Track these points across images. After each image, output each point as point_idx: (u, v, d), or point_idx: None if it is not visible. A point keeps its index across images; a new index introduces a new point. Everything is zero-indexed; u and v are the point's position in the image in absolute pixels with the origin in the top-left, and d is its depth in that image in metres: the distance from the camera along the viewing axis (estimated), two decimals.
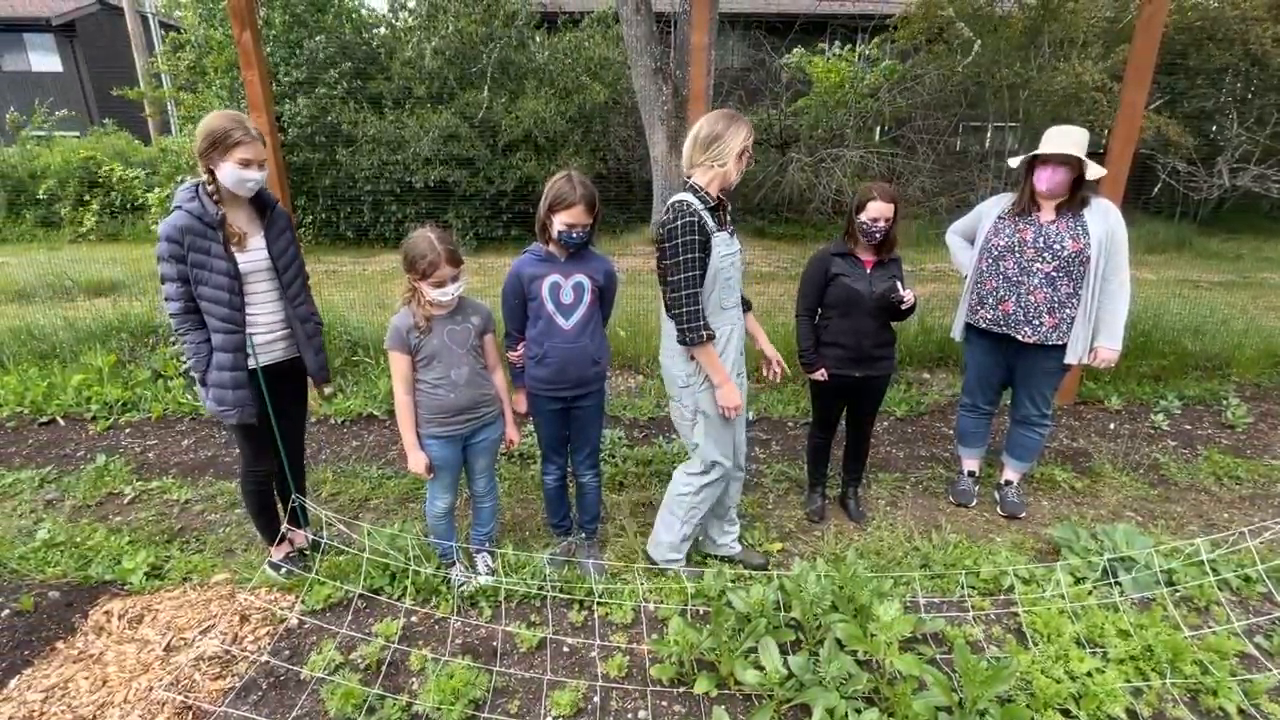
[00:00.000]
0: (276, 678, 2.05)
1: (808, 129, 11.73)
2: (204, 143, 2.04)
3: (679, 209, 2.09)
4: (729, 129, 2.11)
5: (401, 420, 2.25)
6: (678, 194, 2.15)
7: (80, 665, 2.10)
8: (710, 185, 2.16)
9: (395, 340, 2.16)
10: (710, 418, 2.29)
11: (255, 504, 2.50)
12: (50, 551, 2.71)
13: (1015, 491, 3.06)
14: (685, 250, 2.07)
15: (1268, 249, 10.29)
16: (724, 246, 2.19)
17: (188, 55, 11.02)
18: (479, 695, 1.95)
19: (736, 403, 2.23)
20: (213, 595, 2.44)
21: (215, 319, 2.13)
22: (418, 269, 2.08)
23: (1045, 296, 2.64)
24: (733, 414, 2.26)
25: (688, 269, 2.08)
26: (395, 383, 2.21)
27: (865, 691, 1.88)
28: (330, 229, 11.13)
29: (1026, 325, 2.70)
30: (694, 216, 2.07)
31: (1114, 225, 2.61)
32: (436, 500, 2.41)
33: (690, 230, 2.06)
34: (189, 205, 2.07)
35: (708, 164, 2.14)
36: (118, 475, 3.36)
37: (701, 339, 2.12)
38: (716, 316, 2.23)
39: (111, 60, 19.57)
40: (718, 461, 2.36)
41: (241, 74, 3.67)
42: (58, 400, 4.14)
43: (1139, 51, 3.51)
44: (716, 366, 2.19)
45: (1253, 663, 2.10)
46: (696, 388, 2.26)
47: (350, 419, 4.04)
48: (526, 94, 10.45)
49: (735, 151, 2.12)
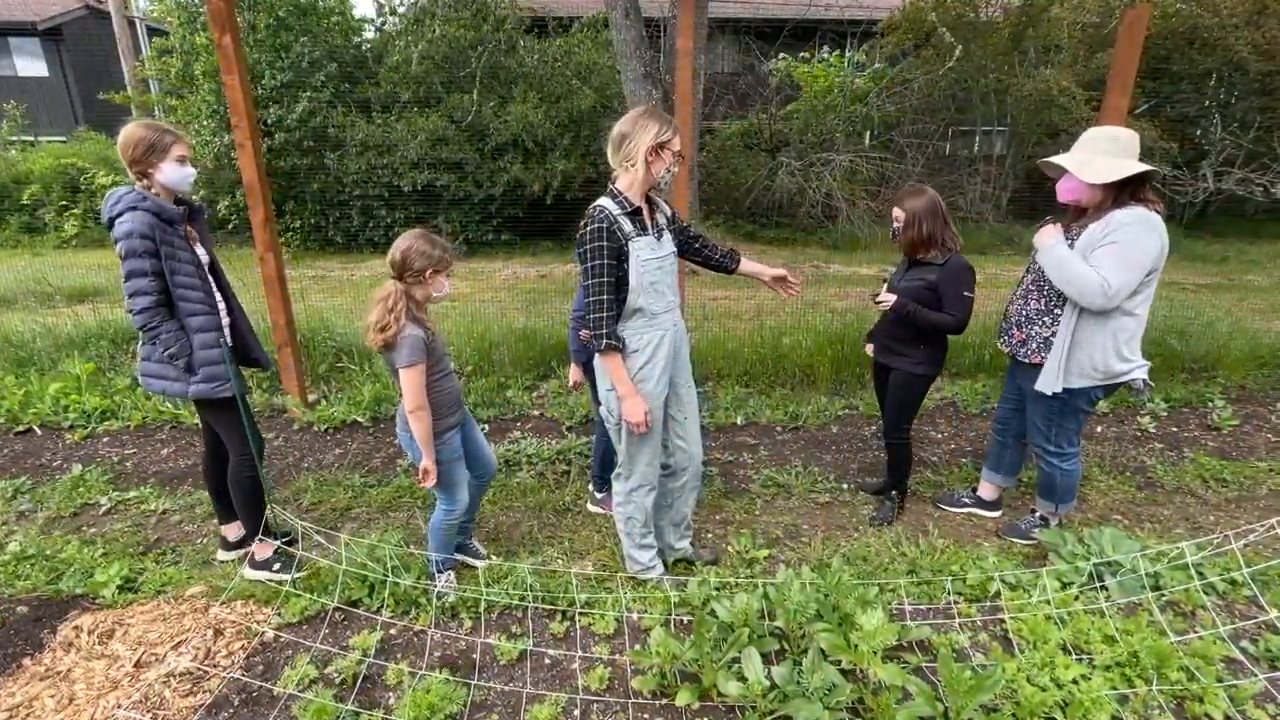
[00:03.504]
0: (249, 694, 2.00)
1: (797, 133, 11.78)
2: (139, 150, 2.16)
3: (591, 215, 2.05)
4: (635, 126, 2.05)
5: (429, 436, 2.16)
6: (598, 199, 2.11)
7: (47, 683, 2.05)
8: (631, 189, 2.10)
9: (420, 351, 2.10)
10: None
11: (249, 491, 2.54)
12: (20, 565, 2.64)
13: (1027, 520, 2.84)
14: (593, 257, 2.03)
15: (1252, 251, 10.40)
16: (647, 251, 2.11)
17: (175, 61, 10.95)
18: (456, 710, 1.91)
19: (638, 418, 2.13)
20: (187, 609, 2.39)
21: (193, 303, 2.27)
22: (432, 263, 2.11)
23: (1017, 309, 2.58)
24: (637, 430, 2.16)
25: (596, 275, 2.04)
26: (423, 396, 2.12)
27: (849, 702, 1.85)
28: (318, 234, 11.06)
29: (1003, 335, 2.67)
30: (604, 223, 2.03)
31: (1100, 240, 2.26)
32: (459, 503, 2.34)
33: (599, 236, 2.02)
34: (145, 205, 2.15)
35: (623, 166, 2.09)
36: (94, 485, 3.30)
37: (602, 348, 2.09)
38: (646, 323, 2.16)
39: (98, 65, 19.39)
40: (635, 470, 2.32)
41: (223, 78, 3.63)
42: (34, 409, 4.07)
43: (1122, 57, 3.52)
44: (621, 378, 2.13)
45: (1239, 668, 2.09)
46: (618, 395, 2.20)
47: (334, 426, 3.99)
48: (515, 99, 10.43)
49: (644, 148, 2.03)
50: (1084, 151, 2.37)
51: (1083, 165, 2.32)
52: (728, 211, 11.78)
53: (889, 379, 2.87)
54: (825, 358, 4.49)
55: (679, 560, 2.65)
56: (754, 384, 4.53)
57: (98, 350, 4.69)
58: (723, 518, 3.03)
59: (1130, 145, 2.31)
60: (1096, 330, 2.37)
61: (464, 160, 10.41)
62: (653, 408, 2.20)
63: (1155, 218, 2.27)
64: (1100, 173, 2.27)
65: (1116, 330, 2.36)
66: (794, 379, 4.56)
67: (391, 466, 3.51)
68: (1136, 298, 2.34)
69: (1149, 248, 2.23)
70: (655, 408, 2.22)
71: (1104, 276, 2.23)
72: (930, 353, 2.73)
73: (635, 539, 2.45)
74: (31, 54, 19.60)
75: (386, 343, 2.09)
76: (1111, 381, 2.44)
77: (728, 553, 2.74)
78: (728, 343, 4.80)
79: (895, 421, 2.86)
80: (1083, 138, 2.42)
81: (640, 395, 2.15)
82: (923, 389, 2.81)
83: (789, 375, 4.56)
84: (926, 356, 2.73)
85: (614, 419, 2.27)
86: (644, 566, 2.49)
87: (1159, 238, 2.25)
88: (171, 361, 2.26)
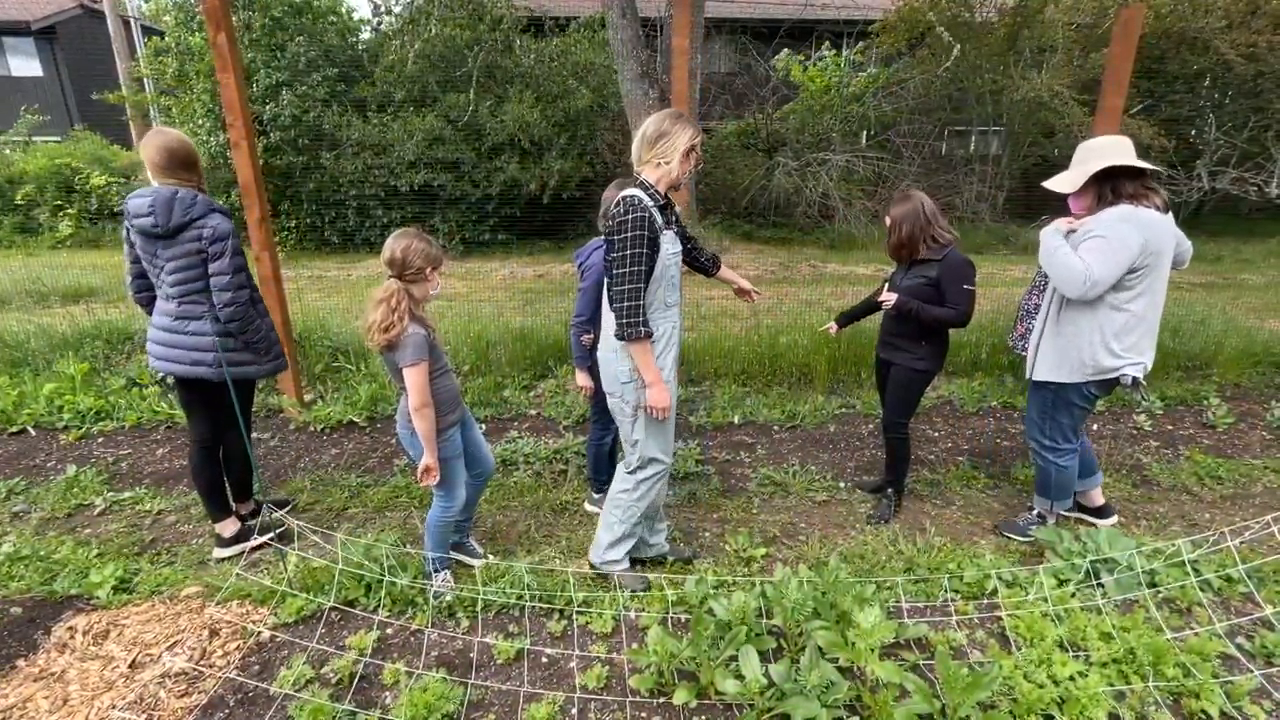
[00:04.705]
0: (244, 694, 1.99)
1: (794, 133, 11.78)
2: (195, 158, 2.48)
3: (631, 203, 2.08)
4: (675, 127, 2.14)
5: (433, 434, 2.16)
6: (629, 188, 2.15)
7: (41, 684, 2.03)
8: (659, 183, 2.18)
9: (424, 350, 2.11)
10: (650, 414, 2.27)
11: (247, 463, 2.79)
12: (15, 565, 2.63)
13: (1024, 518, 2.85)
14: (634, 245, 2.06)
15: (1246, 250, 10.44)
16: (670, 245, 2.20)
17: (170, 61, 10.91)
18: (453, 709, 1.90)
19: (666, 403, 2.21)
20: (182, 609, 2.38)
21: (255, 292, 2.61)
22: (431, 260, 2.14)
23: (1021, 303, 2.71)
24: (662, 415, 2.24)
25: (634, 264, 2.07)
26: (427, 394, 2.12)
27: (847, 700, 1.85)
28: (315, 234, 11.03)
29: (1010, 333, 2.73)
30: (644, 212, 2.07)
31: (1085, 235, 2.35)
32: (456, 500, 2.35)
33: (640, 225, 2.05)
34: (222, 208, 2.47)
35: (655, 161, 2.16)
36: (88, 486, 3.28)
37: (639, 335, 2.11)
38: (661, 314, 2.23)
39: (93, 64, 19.30)
40: (655, 458, 2.35)
41: (218, 76, 3.62)
42: (29, 409, 4.04)
43: (1117, 56, 3.53)
44: (650, 365, 2.17)
45: (1234, 664, 2.09)
46: (638, 384, 2.23)
47: (330, 426, 3.97)
48: (512, 98, 10.42)
49: (681, 150, 2.14)
50: (1071, 167, 2.50)
51: (1059, 180, 2.50)
52: (724, 211, 11.78)
53: (889, 374, 2.89)
54: (822, 357, 4.50)
55: (655, 558, 2.64)
56: (751, 383, 4.53)
57: (92, 350, 4.66)
58: (720, 516, 3.03)
59: (1098, 151, 2.43)
60: (1082, 323, 2.43)
61: (461, 160, 10.39)
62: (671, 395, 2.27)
63: (1141, 213, 2.34)
64: (1059, 183, 2.48)
65: (1103, 324, 2.40)
66: (791, 378, 4.56)
67: (388, 466, 3.50)
68: (1125, 294, 2.37)
69: (1128, 239, 2.29)
70: (673, 394, 2.29)
71: (1088, 264, 2.31)
72: (932, 349, 2.76)
73: (628, 527, 2.45)
74: (26, 53, 19.49)
75: (390, 343, 2.09)
76: (1102, 377, 2.47)
77: (725, 551, 2.74)
78: (724, 341, 4.80)
79: (895, 416, 2.88)
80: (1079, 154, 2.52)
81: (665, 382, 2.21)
82: (923, 385, 2.84)
83: (786, 374, 4.57)
84: (929, 353, 2.76)
85: (629, 408, 2.28)
86: (615, 560, 2.49)
87: (1138, 231, 2.30)
88: (256, 346, 2.58)
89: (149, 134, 2.47)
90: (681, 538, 2.85)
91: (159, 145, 2.40)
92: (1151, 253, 2.32)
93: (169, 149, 2.40)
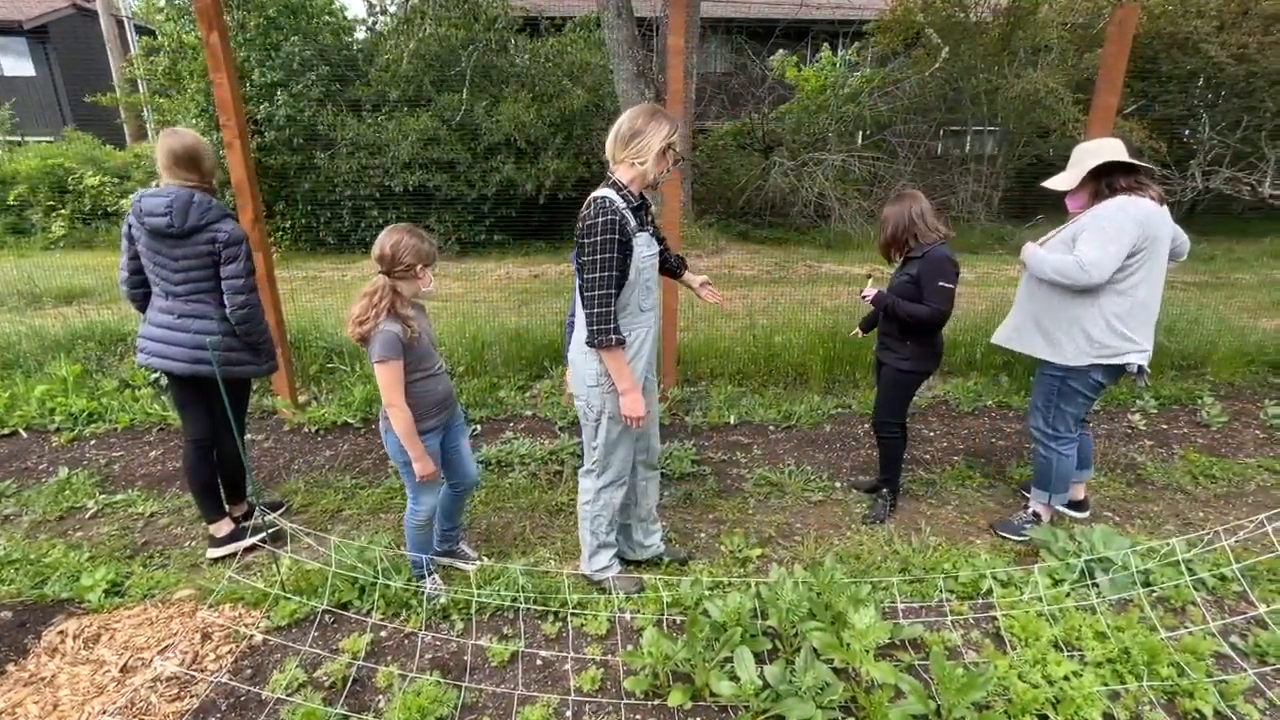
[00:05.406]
0: (236, 698, 1.97)
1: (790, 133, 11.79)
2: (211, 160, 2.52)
3: (601, 205, 2.00)
4: (650, 124, 2.04)
5: (410, 431, 2.14)
6: (600, 189, 2.08)
7: (30, 689, 2.02)
8: (633, 183, 2.10)
9: (393, 348, 2.07)
10: (614, 421, 2.22)
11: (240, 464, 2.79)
12: (5, 569, 2.60)
13: (1019, 516, 2.87)
14: (604, 249, 1.99)
15: (1240, 249, 10.48)
16: (645, 248, 2.13)
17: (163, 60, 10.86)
18: (446, 712, 1.89)
19: (640, 413, 2.14)
20: (174, 613, 2.36)
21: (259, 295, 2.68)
22: (421, 257, 2.12)
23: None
24: (635, 425, 2.18)
25: (604, 269, 2.00)
26: (396, 393, 2.10)
27: (842, 701, 1.85)
28: (310, 234, 10.98)
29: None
30: (616, 215, 1.99)
31: (1080, 228, 2.45)
32: (425, 504, 2.32)
33: (611, 229, 1.98)
34: (232, 213, 2.54)
35: (629, 161, 2.08)
36: (80, 489, 3.26)
37: (610, 343, 2.04)
38: (635, 318, 2.17)
39: (86, 64, 19.20)
40: (611, 466, 2.31)
41: (211, 76, 3.60)
42: (20, 412, 4.01)
43: (1111, 55, 3.54)
44: (623, 372, 2.10)
45: (1228, 663, 2.10)
46: (605, 389, 2.17)
47: (324, 428, 3.96)
48: (507, 98, 10.40)
49: (656, 149, 2.04)
50: (1068, 169, 2.58)
51: (1056, 179, 2.60)
52: (720, 211, 11.78)
53: (880, 373, 2.93)
54: (818, 356, 4.49)
55: (651, 559, 2.63)
56: (746, 383, 4.52)
57: (85, 352, 4.63)
58: (716, 517, 3.03)
59: (1092, 152, 2.49)
60: (1087, 305, 2.49)
61: (456, 160, 10.35)
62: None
63: (1137, 202, 2.40)
64: (1056, 182, 2.58)
65: (1105, 304, 2.46)
66: (786, 378, 4.56)
67: (382, 468, 3.49)
68: (1124, 277, 2.43)
69: (1123, 224, 2.36)
70: (654, 401, 2.27)
71: (1077, 252, 2.40)
72: (916, 350, 2.76)
73: (600, 537, 2.43)
74: (18, 53, 19.38)
75: (362, 337, 2.09)
76: (1111, 360, 2.50)
77: (721, 552, 2.74)
78: (720, 342, 4.80)
79: (882, 415, 2.91)
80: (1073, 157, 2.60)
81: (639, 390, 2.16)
82: (908, 385, 2.85)
83: (781, 374, 4.57)
84: (913, 353, 2.77)
85: (593, 413, 2.24)
86: (603, 567, 2.47)
87: (1133, 216, 2.36)
88: (259, 347, 2.65)
89: (163, 133, 2.49)
90: (677, 538, 2.85)
91: (169, 147, 2.43)
92: (1148, 237, 2.39)
93: (178, 151, 2.43)
